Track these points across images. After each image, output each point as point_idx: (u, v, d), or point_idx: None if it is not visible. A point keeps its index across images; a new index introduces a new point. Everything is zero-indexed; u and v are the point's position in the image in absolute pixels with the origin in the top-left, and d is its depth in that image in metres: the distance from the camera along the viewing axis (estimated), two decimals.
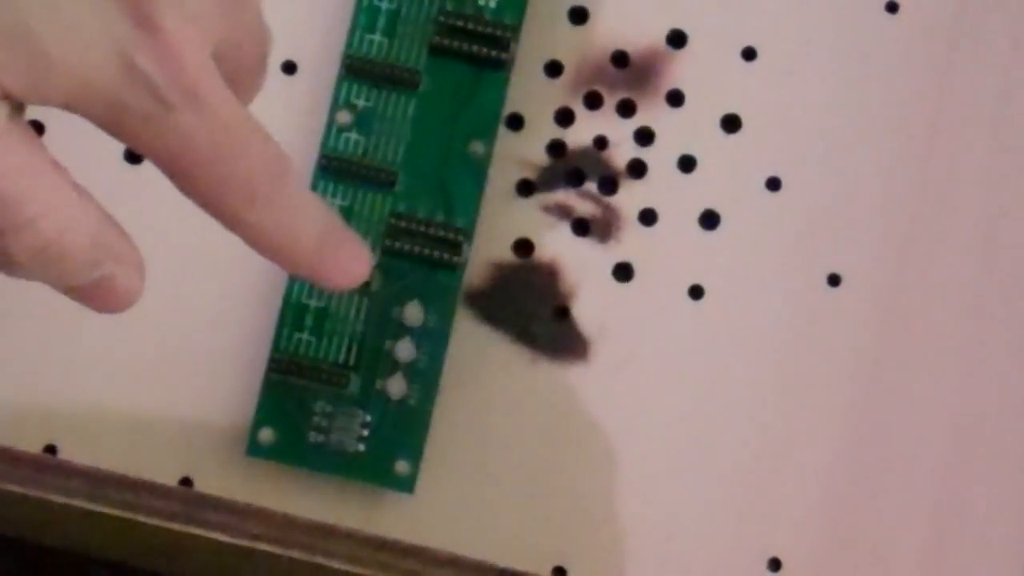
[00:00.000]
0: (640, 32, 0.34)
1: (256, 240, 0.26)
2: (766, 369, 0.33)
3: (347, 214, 0.32)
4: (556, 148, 0.34)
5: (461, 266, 0.32)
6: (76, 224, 0.24)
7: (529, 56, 0.34)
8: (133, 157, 0.33)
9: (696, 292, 0.33)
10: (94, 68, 0.23)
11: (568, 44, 0.34)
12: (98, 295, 0.25)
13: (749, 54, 0.34)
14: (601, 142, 0.34)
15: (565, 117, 0.34)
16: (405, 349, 0.32)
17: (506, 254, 0.33)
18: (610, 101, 0.34)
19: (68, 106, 0.24)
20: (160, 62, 0.23)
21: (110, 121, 0.24)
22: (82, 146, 0.33)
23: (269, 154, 0.25)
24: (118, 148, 0.33)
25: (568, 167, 0.34)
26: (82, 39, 0.23)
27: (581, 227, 0.33)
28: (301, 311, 0.32)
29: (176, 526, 0.31)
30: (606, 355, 0.33)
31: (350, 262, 0.28)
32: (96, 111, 0.24)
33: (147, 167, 0.33)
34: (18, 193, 0.23)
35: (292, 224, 0.26)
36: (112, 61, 0.23)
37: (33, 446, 0.32)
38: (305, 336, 0.32)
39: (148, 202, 0.33)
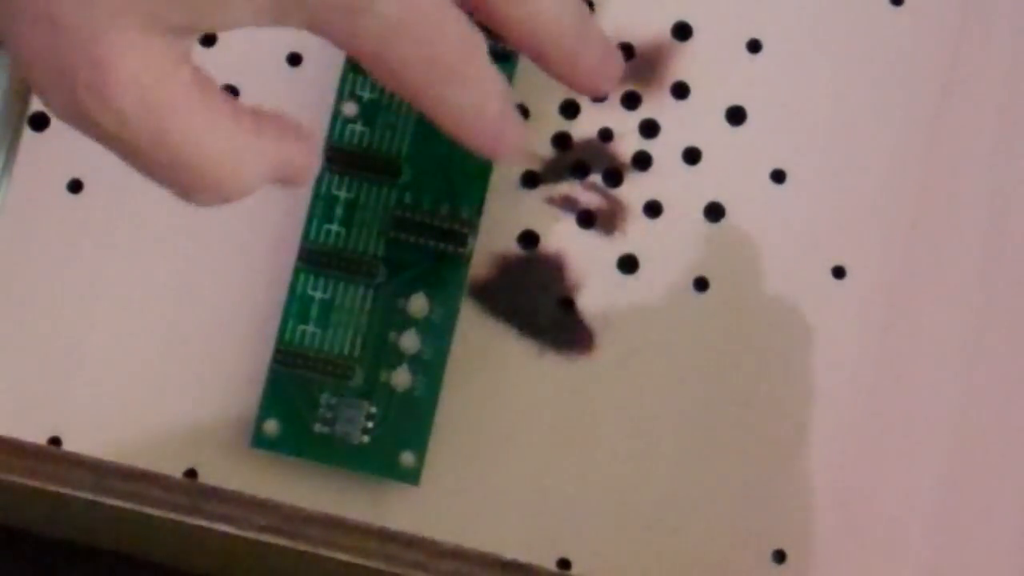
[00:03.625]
0: (645, 24, 0.34)
1: (454, 118, 0.27)
2: (770, 361, 0.33)
3: (352, 206, 0.32)
4: (561, 140, 0.34)
5: (466, 258, 0.32)
6: None
7: None
8: None
9: (701, 284, 0.33)
10: None
11: None
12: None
13: (754, 46, 0.34)
14: (606, 134, 0.34)
15: (570, 109, 0.34)
16: (410, 341, 0.32)
17: (511, 246, 0.33)
18: (615, 93, 0.34)
19: (277, 21, 0.25)
20: None
21: (317, 23, 0.25)
22: (88, 141, 0.34)
23: (463, 31, 0.26)
24: None
25: (573, 159, 0.34)
26: None
27: (586, 219, 0.33)
28: (306, 303, 0.32)
29: (181, 517, 0.31)
30: (611, 347, 0.33)
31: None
32: (300, 17, 0.25)
33: None
34: None
35: (481, 98, 0.27)
36: None
37: (38, 437, 0.32)
38: (310, 328, 0.32)
39: (153, 195, 0.33)
